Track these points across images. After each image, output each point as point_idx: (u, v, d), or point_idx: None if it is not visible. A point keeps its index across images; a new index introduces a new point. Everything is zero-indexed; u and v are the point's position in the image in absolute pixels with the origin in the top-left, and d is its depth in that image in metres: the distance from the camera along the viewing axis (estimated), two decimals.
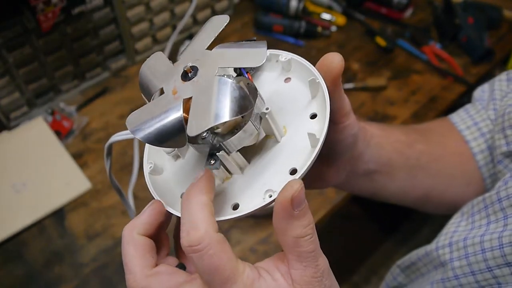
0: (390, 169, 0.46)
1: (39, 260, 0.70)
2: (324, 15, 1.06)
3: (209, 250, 0.25)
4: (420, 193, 0.50)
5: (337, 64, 0.30)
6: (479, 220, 0.42)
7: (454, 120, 0.52)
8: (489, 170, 0.50)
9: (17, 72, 0.79)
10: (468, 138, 0.50)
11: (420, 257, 0.48)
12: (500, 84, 0.50)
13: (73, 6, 0.77)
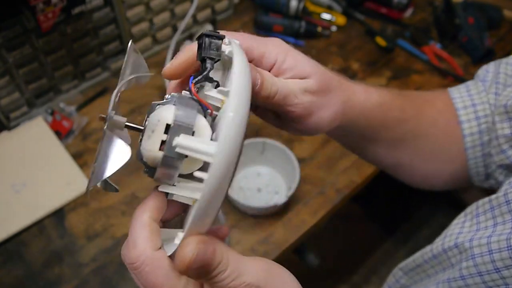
0: (372, 139, 0.47)
1: (39, 260, 0.70)
2: (324, 15, 1.06)
3: (145, 268, 0.27)
4: (395, 162, 0.51)
5: None
6: (484, 221, 0.42)
7: (453, 95, 0.51)
8: (475, 153, 0.50)
9: (17, 72, 0.79)
10: (462, 118, 0.50)
11: (427, 260, 0.47)
12: (506, 67, 0.50)
13: (73, 6, 0.77)
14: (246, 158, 0.80)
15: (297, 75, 0.35)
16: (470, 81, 0.53)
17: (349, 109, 0.40)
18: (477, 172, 0.52)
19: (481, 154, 0.50)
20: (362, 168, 0.83)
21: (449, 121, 0.50)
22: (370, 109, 0.43)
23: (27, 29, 0.75)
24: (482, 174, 0.52)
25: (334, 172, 0.82)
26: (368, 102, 0.42)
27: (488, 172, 0.51)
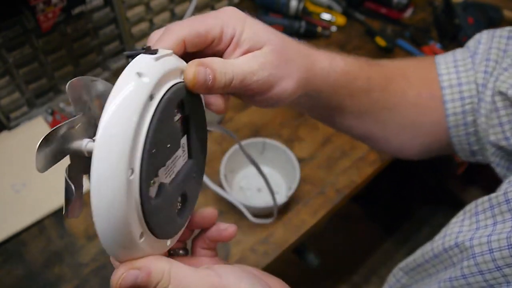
0: (339, 110, 0.46)
1: (39, 260, 0.70)
2: (324, 15, 1.06)
3: None
4: (364, 133, 0.50)
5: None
6: (484, 220, 0.41)
7: (439, 71, 0.49)
8: (458, 132, 0.50)
9: (17, 72, 0.79)
10: (447, 98, 0.49)
11: (428, 259, 0.47)
12: (499, 41, 0.47)
13: (73, 6, 0.77)
14: (246, 158, 0.80)
15: (255, 45, 0.34)
16: (459, 53, 0.50)
17: (312, 77, 0.39)
18: (462, 149, 0.51)
19: (464, 133, 0.50)
20: (362, 168, 0.83)
21: (420, 94, 0.49)
22: (335, 77, 0.41)
23: (27, 29, 0.75)
24: (467, 151, 0.51)
25: (334, 172, 0.82)
26: (332, 70, 0.41)
27: (473, 149, 0.51)
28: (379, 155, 0.85)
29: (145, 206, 0.26)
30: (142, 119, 0.25)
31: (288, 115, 0.91)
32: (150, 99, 0.25)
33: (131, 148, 0.24)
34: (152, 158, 0.25)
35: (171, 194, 0.29)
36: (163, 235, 0.29)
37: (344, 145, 0.86)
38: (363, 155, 0.85)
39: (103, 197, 0.24)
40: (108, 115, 0.24)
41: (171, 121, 0.28)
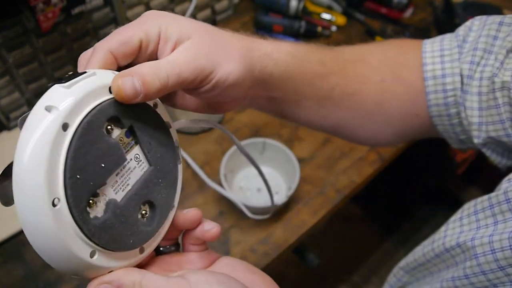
0: (297, 98, 0.44)
1: (38, 260, 0.69)
2: (324, 15, 1.06)
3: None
4: (331, 123, 0.49)
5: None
6: (484, 219, 0.41)
7: (425, 59, 0.48)
8: (442, 121, 0.49)
9: (17, 72, 0.79)
10: (429, 89, 0.47)
11: (429, 259, 0.47)
12: (489, 28, 0.45)
13: (73, 6, 0.77)
14: (246, 158, 0.80)
15: (183, 36, 0.32)
16: (448, 40, 0.49)
17: (256, 58, 0.37)
18: (449, 137, 0.51)
19: (448, 124, 0.48)
20: (362, 168, 0.83)
21: (384, 79, 0.47)
22: (283, 60, 0.40)
23: (27, 29, 0.75)
24: (454, 139, 0.50)
25: (334, 172, 0.82)
26: (278, 53, 0.39)
27: (461, 138, 0.50)
28: (379, 155, 0.85)
29: (84, 229, 0.26)
30: (56, 151, 0.25)
31: None
32: (64, 129, 0.26)
33: (48, 180, 0.25)
34: (77, 183, 0.26)
35: (126, 207, 0.30)
36: (124, 247, 0.29)
37: (344, 145, 0.86)
38: (363, 155, 0.85)
39: (32, 230, 0.25)
40: (18, 153, 0.26)
41: (99, 141, 0.28)
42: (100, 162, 0.28)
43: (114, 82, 0.29)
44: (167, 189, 0.33)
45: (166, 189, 0.33)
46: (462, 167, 1.40)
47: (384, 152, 0.85)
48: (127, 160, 0.30)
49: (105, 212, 0.28)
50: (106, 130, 0.29)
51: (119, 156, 0.29)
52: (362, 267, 1.58)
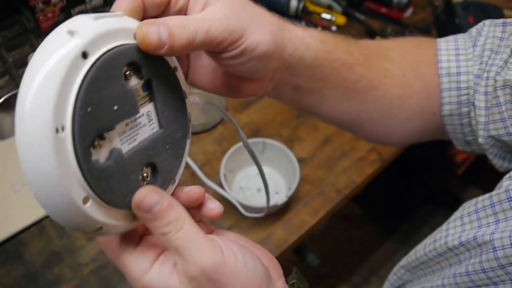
0: (323, 87, 0.42)
1: (38, 260, 0.70)
2: (324, 15, 1.06)
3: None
4: (352, 117, 0.48)
5: None
6: (485, 218, 0.41)
7: (440, 57, 0.48)
8: (452, 121, 0.49)
9: (17, 72, 0.79)
10: (444, 86, 0.47)
11: (432, 258, 0.47)
12: (494, 30, 0.46)
13: (72, 5, 0.77)
14: (246, 158, 0.79)
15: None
16: (462, 40, 0.49)
17: (288, 41, 0.36)
18: (456, 138, 0.51)
19: (458, 123, 0.49)
20: (362, 168, 0.83)
21: (405, 74, 0.47)
22: (314, 46, 0.38)
23: (26, 29, 0.75)
24: (462, 140, 0.50)
25: (334, 172, 0.82)
26: (309, 38, 0.38)
27: (468, 139, 0.50)
28: (379, 155, 0.85)
29: (83, 168, 0.25)
30: (72, 77, 0.24)
31: (288, 115, 0.91)
32: (84, 56, 0.24)
33: (56, 104, 0.23)
34: (86, 116, 0.24)
35: (129, 162, 0.28)
36: (120, 203, 0.28)
37: (344, 145, 0.86)
38: (363, 155, 0.85)
39: (29, 158, 0.23)
40: (31, 68, 0.23)
41: (116, 83, 0.27)
42: (113, 104, 0.26)
43: (139, 28, 0.28)
44: (173, 158, 0.32)
45: (172, 158, 0.32)
46: (462, 167, 1.40)
47: (384, 152, 0.85)
48: (139, 113, 0.29)
49: (107, 159, 0.27)
50: (124, 75, 0.27)
51: (132, 105, 0.28)
52: (362, 267, 1.58)
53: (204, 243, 0.28)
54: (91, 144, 0.25)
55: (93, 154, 0.26)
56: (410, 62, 0.48)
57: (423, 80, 0.48)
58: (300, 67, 0.39)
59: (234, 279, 0.28)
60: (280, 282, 0.33)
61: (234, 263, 0.29)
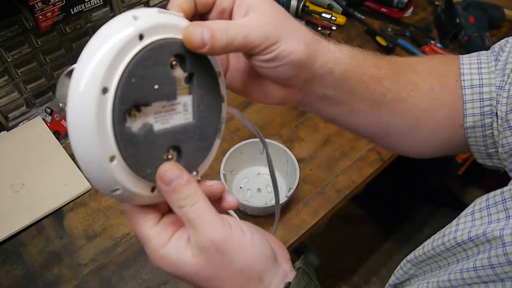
0: (351, 99, 0.45)
1: (38, 261, 0.69)
2: (324, 14, 1.06)
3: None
4: (379, 129, 0.50)
5: None
6: (496, 214, 0.41)
7: (463, 70, 0.49)
8: (475, 133, 0.49)
9: (16, 72, 0.79)
10: (467, 98, 0.48)
11: (439, 252, 0.47)
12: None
13: (72, 5, 0.76)
14: (247, 158, 0.79)
15: (256, 4, 0.35)
16: (484, 55, 0.51)
17: (320, 53, 0.38)
18: (478, 150, 0.51)
19: (481, 135, 0.49)
20: (362, 168, 0.83)
21: (432, 87, 0.48)
22: (344, 60, 0.41)
23: (26, 28, 0.75)
24: (484, 153, 0.51)
25: (334, 172, 0.82)
26: (340, 52, 0.40)
27: (490, 151, 0.50)
28: (379, 155, 0.85)
29: (116, 129, 0.28)
30: (126, 51, 0.28)
31: (288, 115, 0.90)
32: (139, 38, 0.29)
33: (107, 69, 0.27)
34: (129, 85, 0.28)
35: (157, 138, 0.32)
36: (140, 170, 0.31)
37: (344, 145, 0.86)
38: (363, 155, 0.85)
39: (75, 107, 0.27)
40: (95, 39, 0.28)
41: (161, 66, 0.31)
42: (155, 83, 0.31)
43: (186, 27, 0.32)
44: (199, 150, 0.35)
45: (198, 150, 0.35)
46: (463, 167, 1.40)
47: (384, 152, 0.85)
48: (177, 100, 0.33)
49: (139, 130, 0.31)
50: (171, 63, 0.32)
51: (172, 91, 0.32)
52: (362, 267, 1.58)
53: (215, 218, 0.32)
54: (127, 111, 0.29)
55: (127, 121, 0.30)
56: (437, 77, 0.50)
57: (451, 93, 0.49)
58: (330, 78, 0.41)
59: (240, 252, 0.32)
60: (286, 264, 0.36)
61: (241, 239, 0.32)
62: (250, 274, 0.33)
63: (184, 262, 0.32)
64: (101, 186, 0.30)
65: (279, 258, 0.36)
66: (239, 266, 0.32)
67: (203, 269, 0.32)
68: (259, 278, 0.33)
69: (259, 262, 0.33)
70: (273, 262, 0.34)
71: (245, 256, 0.32)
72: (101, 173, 0.29)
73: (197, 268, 0.32)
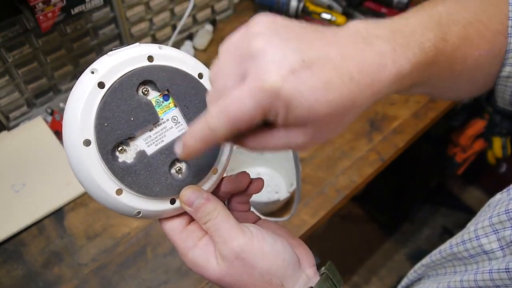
0: (432, 83, 0.40)
1: (38, 260, 0.70)
2: (324, 15, 1.06)
3: None
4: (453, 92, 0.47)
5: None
6: None
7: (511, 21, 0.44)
8: (506, 82, 0.46)
9: (17, 72, 0.79)
10: (511, 47, 0.44)
11: (461, 258, 0.46)
12: None
13: (72, 5, 0.77)
14: (246, 158, 0.79)
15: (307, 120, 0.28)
16: None
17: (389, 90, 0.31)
18: (502, 97, 0.49)
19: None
20: (362, 168, 0.83)
21: (481, 54, 0.44)
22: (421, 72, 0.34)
23: (26, 29, 0.75)
24: (507, 100, 0.49)
25: (334, 172, 0.82)
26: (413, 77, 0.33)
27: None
28: (379, 155, 0.85)
29: (109, 168, 0.32)
30: (91, 103, 0.32)
31: None
32: (100, 86, 0.32)
33: (81, 125, 0.31)
34: (103, 130, 0.32)
35: (154, 160, 0.35)
36: (149, 193, 0.34)
37: (344, 145, 0.86)
38: (363, 155, 0.85)
39: (73, 164, 0.32)
40: (67, 104, 0.32)
41: (130, 99, 0.33)
42: (130, 117, 0.33)
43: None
44: (208, 151, 0.37)
45: (206, 151, 0.36)
46: (462, 167, 1.40)
47: (384, 152, 0.85)
48: (161, 119, 0.35)
49: (134, 159, 0.34)
50: (142, 91, 0.34)
51: (151, 113, 0.34)
52: (362, 267, 1.58)
53: (234, 228, 0.34)
54: (114, 149, 0.33)
55: (120, 157, 0.33)
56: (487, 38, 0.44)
57: (495, 55, 0.45)
58: (414, 87, 0.37)
59: (260, 259, 0.33)
60: (310, 270, 0.37)
61: (262, 245, 0.34)
62: (271, 279, 0.34)
63: (209, 267, 0.34)
64: (124, 213, 0.34)
65: (303, 263, 0.37)
66: (260, 272, 0.33)
67: (226, 275, 0.34)
68: (280, 284, 0.34)
69: (280, 268, 0.34)
70: (295, 267, 0.35)
71: (265, 263, 0.34)
72: (116, 205, 0.33)
73: (220, 274, 0.34)
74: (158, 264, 0.70)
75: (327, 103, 0.26)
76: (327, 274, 0.37)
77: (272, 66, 0.26)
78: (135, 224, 0.74)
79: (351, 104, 0.27)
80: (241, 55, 0.28)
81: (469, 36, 0.42)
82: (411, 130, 0.89)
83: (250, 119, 0.27)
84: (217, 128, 0.27)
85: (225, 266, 0.33)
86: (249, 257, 0.33)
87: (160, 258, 0.71)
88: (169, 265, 0.70)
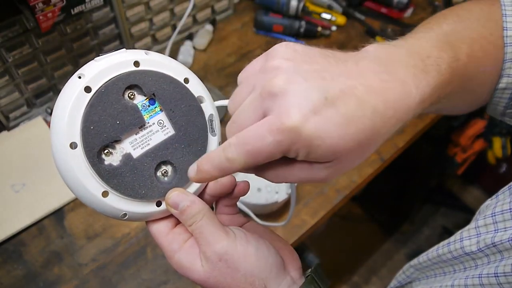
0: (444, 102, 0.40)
1: (38, 260, 0.70)
2: (324, 14, 1.06)
3: None
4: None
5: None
6: (502, 222, 0.41)
7: (507, 31, 0.44)
8: (502, 94, 0.46)
9: (17, 72, 0.79)
10: (508, 57, 0.44)
11: (446, 260, 0.46)
12: None
13: (72, 5, 0.77)
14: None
15: (325, 158, 0.29)
16: None
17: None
18: (495, 108, 0.48)
19: (508, 97, 0.46)
20: (362, 168, 0.83)
21: (484, 71, 0.44)
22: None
23: (26, 28, 0.75)
24: (499, 110, 0.49)
25: None
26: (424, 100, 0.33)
27: (506, 111, 0.48)
28: (379, 155, 0.85)
29: (95, 170, 0.33)
30: (78, 107, 0.32)
31: None
32: (86, 91, 0.33)
33: (67, 128, 0.32)
34: (89, 133, 0.33)
35: (139, 163, 0.35)
36: (134, 195, 0.34)
37: None
38: None
39: (59, 167, 0.33)
40: (54, 108, 0.33)
41: (116, 103, 0.34)
42: (116, 120, 0.34)
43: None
44: (191, 155, 0.37)
45: (190, 155, 0.37)
46: (462, 167, 1.40)
47: (384, 152, 0.85)
48: (147, 122, 0.36)
49: (120, 162, 0.34)
50: (128, 96, 0.35)
51: (137, 117, 0.35)
52: (362, 267, 1.58)
53: (218, 231, 0.34)
54: (100, 152, 0.33)
55: (106, 160, 0.34)
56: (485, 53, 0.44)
57: (491, 71, 0.45)
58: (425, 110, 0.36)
59: (243, 261, 0.34)
60: (295, 272, 0.37)
61: (245, 248, 0.34)
62: (254, 281, 0.34)
63: (194, 269, 0.35)
64: (110, 215, 0.35)
65: (288, 266, 0.37)
66: (243, 274, 0.34)
67: (210, 277, 0.34)
68: (263, 286, 0.34)
69: (263, 270, 0.34)
70: (279, 270, 0.35)
71: (248, 265, 0.34)
72: (103, 207, 0.34)
73: (205, 276, 0.34)
74: (158, 264, 0.70)
75: (351, 138, 0.26)
76: (312, 276, 0.37)
77: (294, 106, 0.26)
78: (135, 224, 0.74)
79: (375, 136, 0.27)
80: (262, 92, 0.28)
81: (475, 53, 0.42)
82: (411, 130, 0.89)
83: (269, 156, 0.28)
84: (235, 160, 0.28)
85: (209, 268, 0.34)
86: (232, 259, 0.33)
87: (160, 258, 0.71)
88: (169, 265, 0.69)
